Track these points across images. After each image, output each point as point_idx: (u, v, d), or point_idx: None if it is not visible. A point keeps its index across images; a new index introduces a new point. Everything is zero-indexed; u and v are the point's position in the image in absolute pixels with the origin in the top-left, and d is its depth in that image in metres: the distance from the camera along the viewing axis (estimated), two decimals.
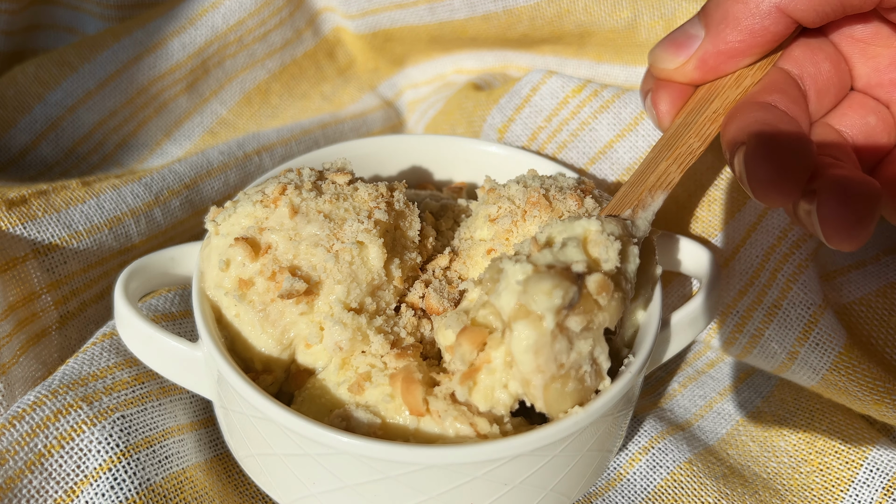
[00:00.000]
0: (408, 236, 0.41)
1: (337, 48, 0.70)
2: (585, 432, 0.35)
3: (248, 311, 0.38)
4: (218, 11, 0.62)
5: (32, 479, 0.38)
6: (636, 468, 0.47)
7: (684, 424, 0.50)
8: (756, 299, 0.48)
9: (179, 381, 0.41)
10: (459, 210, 0.46)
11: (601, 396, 0.35)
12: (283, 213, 0.38)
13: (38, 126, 0.59)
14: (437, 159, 0.52)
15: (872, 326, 0.49)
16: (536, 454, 0.34)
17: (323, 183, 0.40)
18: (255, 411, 0.35)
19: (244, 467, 0.41)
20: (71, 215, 0.49)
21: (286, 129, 0.64)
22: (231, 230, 0.39)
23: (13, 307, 0.45)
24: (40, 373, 0.47)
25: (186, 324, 0.48)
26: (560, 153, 0.53)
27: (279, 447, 0.36)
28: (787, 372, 0.49)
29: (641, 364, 0.37)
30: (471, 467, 0.33)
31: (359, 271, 0.38)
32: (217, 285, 0.39)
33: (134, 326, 0.39)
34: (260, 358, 0.39)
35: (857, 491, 0.46)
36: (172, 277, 0.43)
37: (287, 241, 0.38)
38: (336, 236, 0.38)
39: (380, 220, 0.39)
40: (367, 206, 0.39)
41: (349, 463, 0.34)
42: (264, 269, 0.37)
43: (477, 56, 0.68)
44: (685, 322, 0.42)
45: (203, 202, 0.57)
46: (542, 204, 0.40)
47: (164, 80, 0.61)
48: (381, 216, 0.39)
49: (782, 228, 0.48)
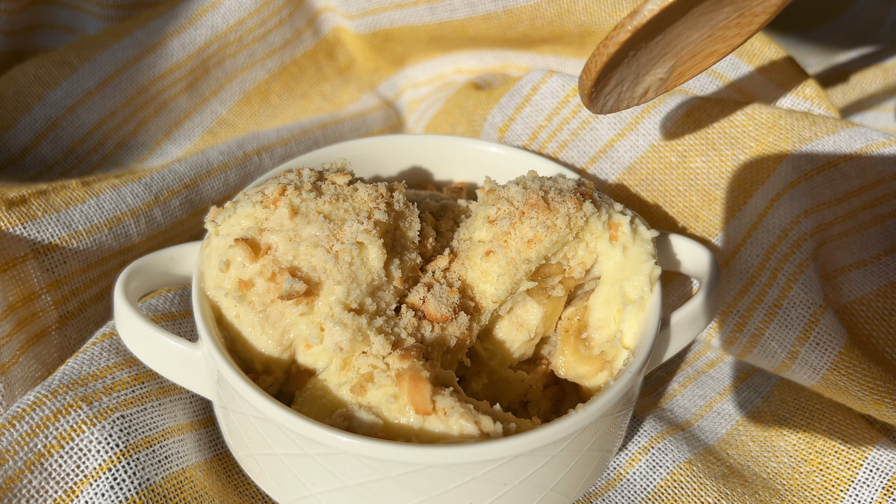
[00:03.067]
0: (407, 237, 0.41)
1: (337, 48, 0.70)
2: (585, 432, 0.35)
3: (248, 311, 0.38)
4: (218, 11, 0.62)
5: (32, 479, 0.38)
6: (636, 468, 0.47)
7: (684, 424, 0.50)
8: (756, 299, 0.48)
9: (179, 381, 0.41)
10: (459, 210, 0.46)
11: (601, 396, 0.35)
12: (282, 214, 0.38)
13: (37, 126, 0.58)
14: (437, 159, 0.52)
15: (873, 326, 0.49)
16: (536, 454, 0.34)
17: (323, 183, 0.40)
18: (255, 411, 0.35)
19: (244, 467, 0.41)
20: (71, 215, 0.48)
21: (286, 129, 0.64)
22: (231, 231, 0.39)
23: (13, 307, 0.45)
24: (40, 373, 0.47)
25: (186, 324, 0.48)
26: (560, 152, 0.53)
27: (279, 447, 0.36)
28: (787, 371, 0.49)
29: (641, 364, 0.37)
30: (471, 467, 0.33)
31: (359, 272, 0.38)
32: (217, 286, 0.39)
33: (134, 326, 0.39)
34: (260, 358, 0.39)
35: (857, 491, 0.46)
36: (172, 277, 0.43)
37: (287, 242, 0.38)
38: (336, 237, 0.38)
39: (380, 220, 0.39)
40: (367, 207, 0.39)
41: (349, 463, 0.34)
42: (264, 269, 0.37)
43: (477, 56, 0.68)
44: (685, 322, 0.42)
45: (203, 202, 0.57)
46: (539, 206, 0.39)
47: (163, 80, 0.61)
48: (381, 217, 0.39)
49: (783, 228, 0.48)
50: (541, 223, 0.39)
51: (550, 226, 0.39)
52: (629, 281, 0.40)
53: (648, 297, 0.40)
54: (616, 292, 0.40)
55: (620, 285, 0.40)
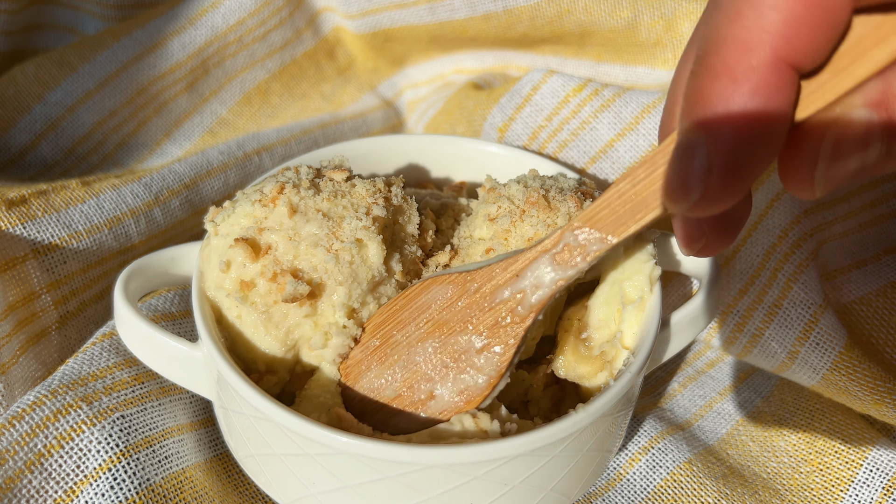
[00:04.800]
0: (407, 230, 0.41)
1: (337, 48, 0.70)
2: (585, 432, 0.35)
3: (250, 312, 0.38)
4: (218, 11, 0.62)
5: (32, 479, 0.38)
6: (636, 468, 0.47)
7: (684, 424, 0.50)
8: (756, 299, 0.48)
9: (179, 381, 0.41)
10: (459, 209, 0.46)
11: (601, 396, 0.35)
12: (281, 213, 0.38)
13: (37, 126, 0.58)
14: (437, 159, 0.52)
15: (873, 326, 0.49)
16: (536, 454, 0.34)
17: (321, 181, 0.40)
18: (255, 411, 0.35)
19: (244, 467, 0.41)
20: (70, 215, 0.48)
21: (286, 129, 0.64)
22: (230, 230, 0.39)
23: (13, 307, 0.45)
24: (40, 373, 0.47)
25: (186, 324, 0.48)
26: (561, 152, 0.53)
27: (279, 447, 0.36)
28: (787, 371, 0.49)
29: (641, 364, 0.37)
30: (470, 467, 0.33)
31: (359, 270, 0.38)
32: (218, 286, 0.39)
33: (134, 326, 0.39)
34: (263, 359, 0.38)
35: (857, 491, 0.46)
36: (172, 277, 0.43)
37: (287, 242, 0.38)
38: (335, 235, 0.38)
39: (378, 216, 0.39)
40: (366, 203, 0.39)
41: (349, 463, 0.34)
42: (265, 270, 0.37)
43: (477, 56, 0.68)
44: (685, 322, 0.42)
45: (203, 202, 0.57)
46: (540, 204, 0.40)
47: (163, 80, 0.61)
48: (379, 212, 0.39)
49: (783, 228, 0.48)
50: (541, 221, 0.39)
51: (551, 224, 0.39)
52: (629, 281, 0.40)
53: (648, 297, 0.40)
54: (616, 292, 0.40)
55: (620, 285, 0.40)
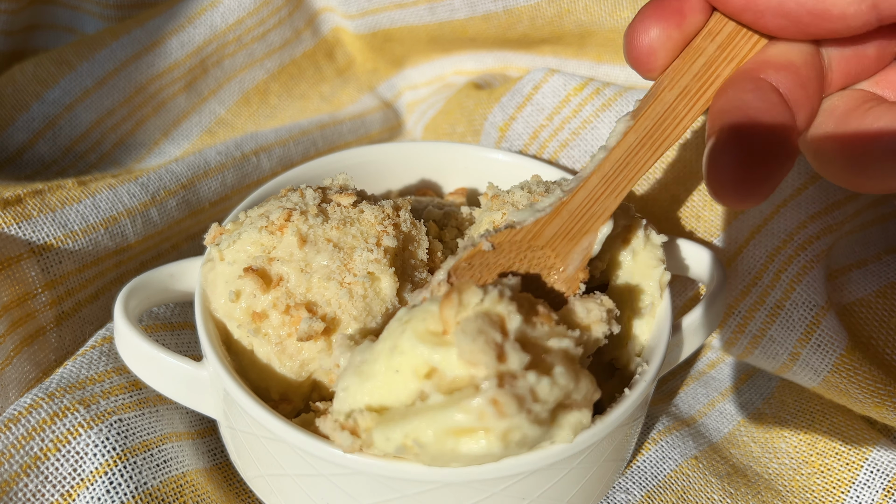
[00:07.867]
0: (417, 256, 0.40)
1: (336, 48, 0.70)
2: (602, 443, 0.35)
3: (263, 344, 0.37)
4: (217, 10, 0.62)
5: (28, 483, 0.37)
6: (645, 456, 0.46)
7: (689, 420, 0.50)
8: (758, 300, 0.48)
9: (182, 401, 0.40)
10: (462, 219, 0.45)
11: (618, 406, 0.34)
12: (290, 242, 0.38)
13: (35, 124, 0.58)
14: (437, 166, 0.52)
15: (873, 327, 0.49)
16: (554, 468, 0.33)
17: (328, 206, 0.40)
18: (265, 431, 0.34)
19: (253, 488, 0.40)
20: (66, 215, 0.48)
21: (284, 130, 0.64)
22: (237, 258, 0.38)
23: (6, 308, 0.45)
24: (34, 374, 0.46)
25: (185, 335, 0.47)
26: (562, 152, 0.53)
27: (291, 468, 0.35)
28: (788, 373, 0.49)
29: (655, 371, 0.37)
30: (489, 483, 0.32)
31: (373, 303, 0.37)
32: (228, 316, 0.38)
33: (135, 346, 0.38)
34: (277, 388, 0.38)
35: (858, 492, 0.46)
36: (172, 294, 0.42)
37: (298, 273, 0.37)
38: (347, 268, 0.37)
39: (389, 247, 0.38)
40: (375, 231, 0.39)
41: (365, 483, 0.33)
42: (277, 302, 0.37)
43: (476, 57, 0.68)
44: (695, 326, 0.41)
45: (200, 202, 0.56)
46: None
47: (162, 79, 0.61)
48: (390, 242, 0.38)
49: (788, 232, 0.48)
50: None
51: None
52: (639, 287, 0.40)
53: (659, 302, 0.39)
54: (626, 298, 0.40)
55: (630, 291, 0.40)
